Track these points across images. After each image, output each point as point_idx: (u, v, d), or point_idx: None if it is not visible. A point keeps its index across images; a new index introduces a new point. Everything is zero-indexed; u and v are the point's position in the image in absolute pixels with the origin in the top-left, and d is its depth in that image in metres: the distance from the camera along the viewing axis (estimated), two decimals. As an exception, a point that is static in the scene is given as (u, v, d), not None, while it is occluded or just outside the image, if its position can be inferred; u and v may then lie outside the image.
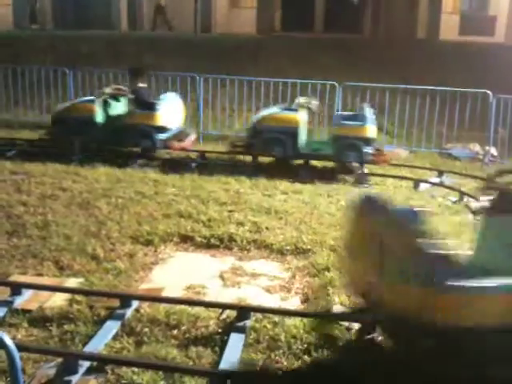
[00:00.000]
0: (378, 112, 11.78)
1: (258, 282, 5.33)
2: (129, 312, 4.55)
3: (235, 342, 4.20)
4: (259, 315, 4.56)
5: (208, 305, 4.67)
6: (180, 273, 5.49)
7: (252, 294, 5.06)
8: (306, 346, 4.23)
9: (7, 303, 4.64)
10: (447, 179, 9.00)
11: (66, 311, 4.57)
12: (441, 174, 9.13)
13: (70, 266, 5.46)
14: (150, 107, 9.42)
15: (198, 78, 11.43)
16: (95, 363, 3.88)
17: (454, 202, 7.94)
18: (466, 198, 7.95)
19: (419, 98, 11.23)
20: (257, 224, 6.49)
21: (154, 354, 4.04)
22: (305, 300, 4.99)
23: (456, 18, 21.42)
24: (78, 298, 4.76)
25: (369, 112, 9.22)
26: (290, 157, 9.32)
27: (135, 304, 4.65)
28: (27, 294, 4.77)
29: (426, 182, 8.76)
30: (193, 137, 10.19)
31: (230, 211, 6.94)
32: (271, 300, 4.98)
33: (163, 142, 9.48)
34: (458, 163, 10.47)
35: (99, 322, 4.44)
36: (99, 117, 9.54)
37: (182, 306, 4.68)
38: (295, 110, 9.31)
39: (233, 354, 4.06)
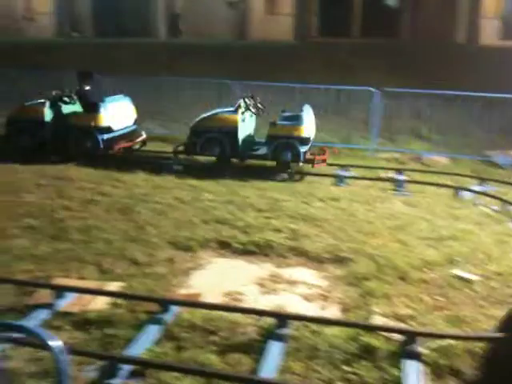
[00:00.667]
0: (417, 118, 11.63)
1: (295, 289, 5.31)
2: (168, 317, 4.58)
3: (274, 349, 4.19)
4: (298, 323, 4.53)
5: (247, 311, 4.66)
6: (218, 278, 5.51)
7: (290, 302, 5.04)
8: (345, 356, 4.19)
9: (51, 306, 4.74)
10: (489, 187, 8.80)
11: (107, 314, 4.64)
12: (482, 181, 8.94)
13: (110, 269, 5.55)
14: (94, 108, 9.80)
15: (232, 83, 11.49)
16: (136, 367, 3.92)
17: (496, 211, 7.75)
18: (508, 207, 7.76)
19: (458, 103, 11.03)
20: (294, 231, 6.48)
21: (194, 360, 4.07)
22: (344, 309, 4.94)
23: (496, 23, 20.99)
24: (119, 301, 4.82)
25: (307, 112, 9.31)
26: (228, 157, 9.49)
27: (175, 309, 4.69)
28: (70, 296, 4.87)
29: (467, 189, 8.58)
30: (144, 137, 10.52)
31: (267, 218, 6.94)
32: (310, 308, 4.95)
33: (107, 142, 9.81)
34: (500, 171, 10.22)
35: (139, 326, 4.49)
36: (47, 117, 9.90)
37: (221, 312, 4.69)
38: (235, 111, 9.38)
39: (272, 361, 4.05)
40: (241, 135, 9.41)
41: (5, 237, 6.26)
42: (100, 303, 4.84)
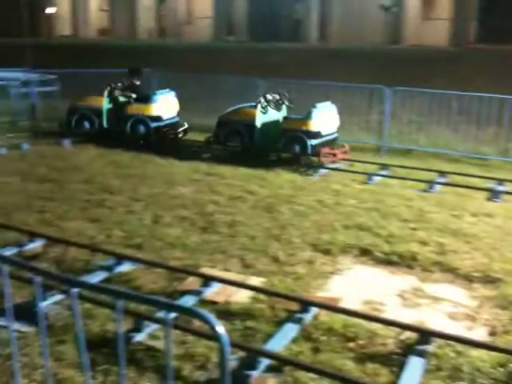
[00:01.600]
0: None
1: (440, 306, 5.07)
2: (307, 317, 4.63)
3: (414, 365, 4.04)
4: (441, 341, 4.33)
5: (388, 323, 4.55)
6: (358, 286, 5.44)
7: (433, 319, 4.82)
8: (491, 381, 3.92)
9: (197, 293, 5.02)
10: None
11: (249, 308, 4.81)
12: None
13: (253, 265, 5.74)
14: (147, 100, 11.11)
15: (385, 89, 11.27)
16: (274, 362, 4.01)
17: None
18: None
19: None
20: (442, 245, 6.19)
21: (331, 364, 4.06)
22: (492, 333, 4.62)
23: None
24: (261, 296, 4.97)
25: (323, 109, 9.84)
26: (246, 148, 10.16)
27: (314, 310, 4.72)
28: (215, 286, 5.11)
29: None
30: (185, 127, 11.44)
31: (413, 229, 6.71)
32: (454, 327, 4.69)
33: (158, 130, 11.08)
34: None
35: (279, 323, 4.58)
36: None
37: (360, 320, 4.63)
38: (255, 106, 10.07)
39: (411, 377, 3.91)
40: (259, 128, 10.05)
41: (160, 225, 6.76)
42: (242, 296, 5.02)
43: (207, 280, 5.14)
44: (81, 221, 6.83)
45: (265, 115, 10.18)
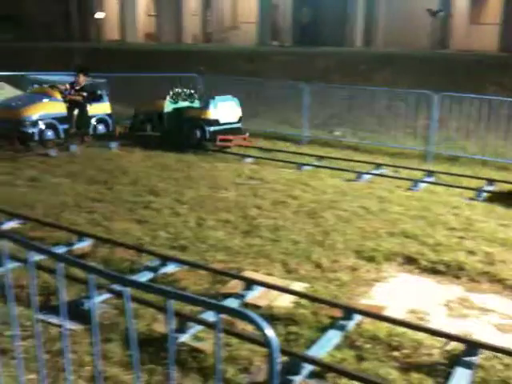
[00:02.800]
0: None
1: (487, 317, 4.94)
2: (351, 325, 4.59)
3: (460, 377, 3.95)
4: (488, 353, 4.22)
5: (433, 333, 4.46)
6: (402, 294, 5.36)
7: (480, 330, 4.70)
8: (541, 397, 3.80)
9: (240, 296, 5.05)
10: None
11: (291, 313, 4.80)
12: None
13: (296, 270, 5.72)
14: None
15: (432, 95, 11.08)
16: (317, 368, 3.99)
17: None
18: None
19: None
20: (490, 255, 6.03)
21: (375, 372, 4.01)
22: (543, 346, 4.47)
23: None
24: (303, 302, 4.95)
25: (218, 100, 11.43)
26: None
27: (357, 318, 4.68)
28: (258, 290, 5.13)
29: None
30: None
31: (460, 237, 6.57)
32: (502, 339, 4.56)
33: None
34: None
35: (322, 329, 4.56)
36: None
37: (404, 329, 4.56)
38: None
39: (458, 388, 3.82)
40: (168, 116, 11.70)
41: (204, 228, 6.83)
42: (285, 301, 5.02)
43: (250, 283, 5.16)
44: (127, 222, 6.97)
45: (173, 105, 11.75)
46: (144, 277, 5.34)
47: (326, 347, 4.29)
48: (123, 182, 8.76)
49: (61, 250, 5.84)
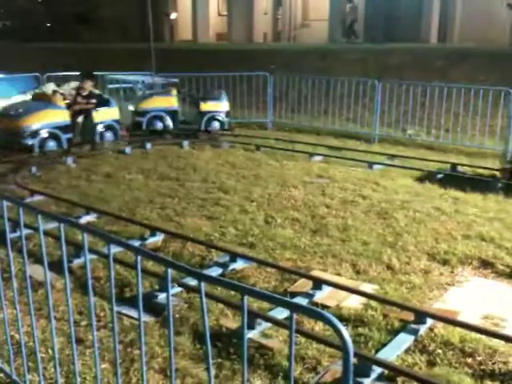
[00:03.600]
0: None
1: None
2: (423, 329, 4.46)
3: (540, 388, 3.75)
4: None
5: (509, 340, 4.26)
6: (477, 299, 5.15)
7: (562, 340, 4.44)
8: None
9: (308, 295, 5.02)
10: None
11: (361, 314, 4.72)
12: None
13: (365, 271, 5.63)
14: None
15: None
16: (386, 371, 3.91)
17: None
18: None
19: None
20: None
21: (446, 378, 3.87)
22: None
23: None
24: (373, 304, 4.86)
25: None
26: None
27: (429, 322, 4.54)
28: (327, 290, 5.08)
29: None
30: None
31: (541, 242, 6.23)
32: None
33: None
34: None
35: (392, 332, 4.46)
36: None
37: (479, 335, 4.38)
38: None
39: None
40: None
41: (272, 226, 6.85)
42: (354, 302, 4.95)
43: (318, 283, 5.12)
44: (198, 218, 7.11)
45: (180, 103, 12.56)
46: (213, 272, 5.42)
47: (396, 351, 4.19)
48: (194, 179, 8.94)
49: (135, 243, 6.03)
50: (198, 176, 9.14)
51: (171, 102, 12.41)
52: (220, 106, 12.51)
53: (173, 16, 31.30)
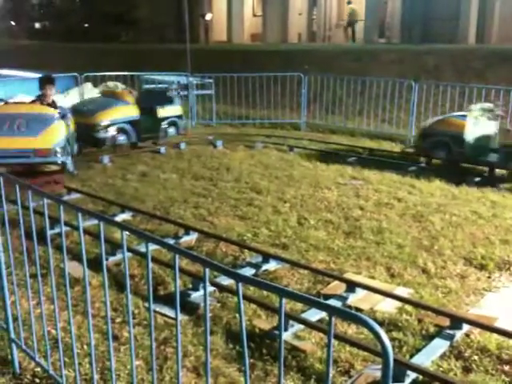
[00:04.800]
0: None
1: None
2: (458, 334, 4.38)
3: None
4: None
5: (550, 349, 4.14)
6: (515, 306, 5.03)
7: None
8: None
9: (342, 298, 4.98)
10: None
11: (395, 318, 4.66)
12: None
13: (400, 274, 5.55)
14: None
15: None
16: (421, 377, 3.85)
17: None
18: None
19: None
20: None
21: (483, 386, 3.80)
22: None
23: None
24: (408, 308, 4.79)
25: None
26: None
27: (465, 328, 4.45)
28: (360, 293, 5.03)
29: None
30: None
31: None
32: None
33: None
34: None
35: (427, 337, 4.39)
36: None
37: (517, 343, 4.27)
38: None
39: None
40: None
41: (305, 227, 6.81)
42: (388, 306, 4.88)
43: (351, 286, 5.07)
44: (231, 218, 7.13)
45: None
46: (246, 272, 5.42)
47: (431, 356, 4.12)
48: (227, 179, 8.97)
49: (169, 242, 6.09)
50: (231, 176, 9.17)
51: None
52: (177, 111, 11.82)
53: (208, 17, 31.49)
